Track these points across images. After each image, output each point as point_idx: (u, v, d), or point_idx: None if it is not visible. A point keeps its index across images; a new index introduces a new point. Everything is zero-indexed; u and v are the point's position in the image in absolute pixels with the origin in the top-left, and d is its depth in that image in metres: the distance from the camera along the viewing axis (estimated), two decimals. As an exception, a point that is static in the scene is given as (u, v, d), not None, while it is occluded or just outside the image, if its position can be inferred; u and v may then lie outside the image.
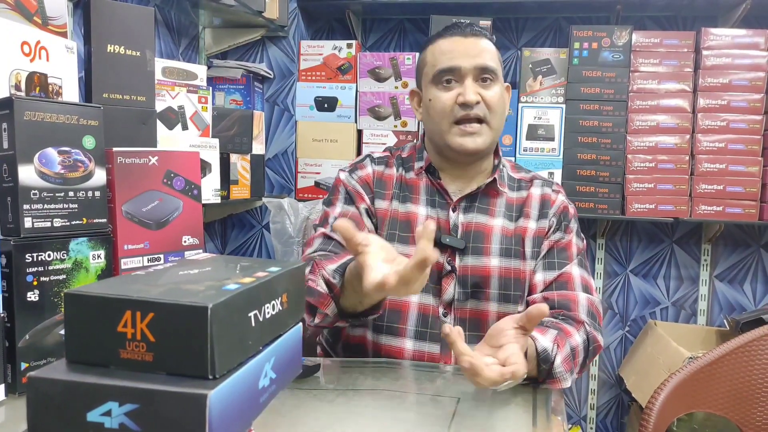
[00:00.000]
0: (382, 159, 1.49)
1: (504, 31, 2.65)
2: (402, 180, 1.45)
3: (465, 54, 1.36)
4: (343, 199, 1.43)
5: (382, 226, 1.41)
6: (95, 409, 0.53)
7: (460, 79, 1.36)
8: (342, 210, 1.42)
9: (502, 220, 1.41)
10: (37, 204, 0.99)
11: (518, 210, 1.43)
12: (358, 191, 1.43)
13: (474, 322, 1.36)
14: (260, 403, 0.64)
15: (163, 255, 1.22)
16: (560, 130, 2.34)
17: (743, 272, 2.56)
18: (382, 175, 1.46)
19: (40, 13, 1.26)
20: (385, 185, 1.44)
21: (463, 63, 1.35)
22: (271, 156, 2.58)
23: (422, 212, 1.41)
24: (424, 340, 1.35)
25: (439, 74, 1.37)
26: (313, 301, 1.21)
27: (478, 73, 1.36)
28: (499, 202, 1.43)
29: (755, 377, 1.48)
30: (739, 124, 2.23)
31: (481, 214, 1.41)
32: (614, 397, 2.69)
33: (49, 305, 1.00)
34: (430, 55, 1.42)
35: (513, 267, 1.38)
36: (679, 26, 2.55)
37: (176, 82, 1.80)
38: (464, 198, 1.42)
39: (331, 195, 1.47)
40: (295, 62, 2.54)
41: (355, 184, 1.44)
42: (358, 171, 1.46)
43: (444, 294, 1.36)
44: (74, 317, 0.57)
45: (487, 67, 1.36)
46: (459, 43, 1.38)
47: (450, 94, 1.37)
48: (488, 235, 1.39)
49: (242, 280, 0.62)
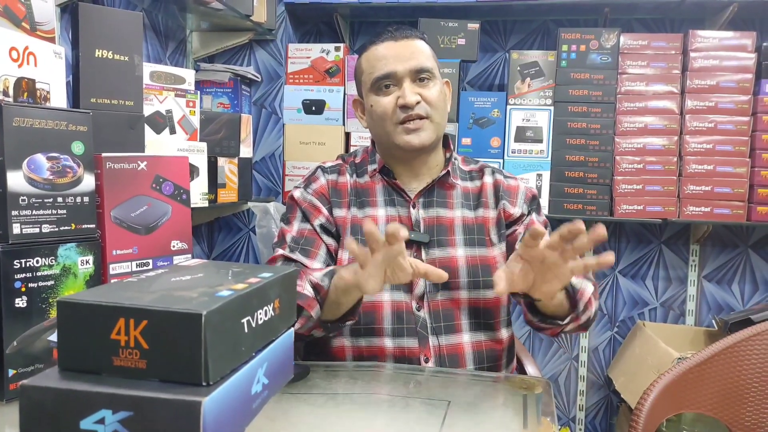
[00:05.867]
0: (334, 168, 1.53)
1: (492, 33, 2.65)
2: (357, 186, 1.49)
3: (398, 58, 1.40)
4: (299, 218, 1.46)
5: (343, 233, 1.43)
6: (88, 416, 0.53)
7: (398, 83, 1.40)
8: (299, 228, 1.44)
9: (461, 211, 1.46)
10: (25, 210, 0.98)
11: (475, 199, 1.48)
12: (314, 205, 1.45)
13: (447, 312, 1.39)
14: (253, 409, 0.64)
15: (152, 260, 1.22)
16: (548, 132, 2.35)
17: (731, 273, 2.57)
18: (336, 184, 1.49)
19: (28, 19, 1.25)
20: (341, 194, 1.47)
21: (397, 67, 1.39)
22: (258, 159, 2.58)
23: (381, 213, 1.44)
24: (401, 336, 1.37)
25: (377, 81, 1.41)
26: (300, 302, 1.23)
27: (415, 75, 1.40)
28: (455, 194, 1.48)
29: (744, 377, 1.49)
30: (726, 126, 2.25)
31: (441, 207, 1.45)
32: (603, 398, 2.70)
33: (37, 311, 0.99)
34: (365, 63, 1.46)
35: (479, 255, 1.42)
36: (667, 28, 2.56)
37: (164, 87, 1.79)
38: (422, 194, 1.46)
39: (288, 213, 1.49)
40: (282, 65, 2.53)
41: (311, 198, 1.46)
42: (312, 185, 1.49)
43: (415, 288, 1.39)
44: (67, 325, 0.57)
45: (422, 68, 1.40)
46: (391, 48, 1.42)
47: (390, 98, 1.41)
48: (450, 226, 1.43)
49: (235, 287, 0.62)
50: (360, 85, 1.50)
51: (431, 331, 1.37)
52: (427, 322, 1.37)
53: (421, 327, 1.36)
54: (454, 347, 1.37)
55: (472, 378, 1.27)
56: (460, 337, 1.38)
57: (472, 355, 1.39)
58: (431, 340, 1.36)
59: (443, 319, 1.37)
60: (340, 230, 1.43)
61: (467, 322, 1.39)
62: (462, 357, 1.38)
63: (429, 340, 1.36)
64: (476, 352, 1.39)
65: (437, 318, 1.37)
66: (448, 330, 1.37)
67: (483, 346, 1.40)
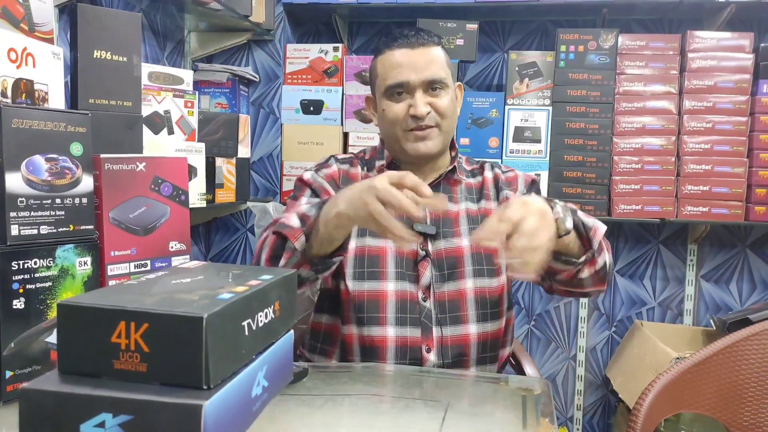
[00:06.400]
0: (346, 159, 1.56)
1: (491, 34, 2.65)
2: (367, 178, 1.47)
3: (413, 68, 1.42)
4: (308, 194, 1.47)
5: None
6: (89, 420, 0.53)
7: (410, 92, 1.43)
8: (308, 202, 1.43)
9: (465, 204, 1.49)
10: (24, 211, 0.98)
11: (478, 193, 1.52)
12: (324, 187, 1.47)
13: (453, 303, 1.40)
14: (253, 412, 0.64)
15: (150, 261, 1.22)
16: (547, 133, 2.35)
17: (729, 272, 2.57)
18: (347, 173, 1.52)
19: (26, 20, 1.25)
20: (351, 182, 1.47)
21: (411, 77, 1.42)
22: (256, 159, 2.57)
23: None
24: (405, 325, 1.38)
25: (390, 88, 1.44)
26: (284, 232, 1.23)
27: (428, 85, 1.42)
28: (459, 189, 1.51)
29: (742, 377, 1.49)
30: (724, 126, 2.25)
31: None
32: (601, 397, 2.70)
33: (35, 313, 0.99)
34: (380, 67, 1.48)
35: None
36: (665, 29, 2.56)
37: (162, 87, 1.79)
38: None
39: (297, 192, 1.50)
40: (281, 65, 2.53)
41: (321, 181, 1.48)
42: (324, 170, 1.52)
43: (421, 279, 1.40)
44: (67, 328, 0.56)
45: (435, 79, 1.42)
46: (407, 56, 1.44)
47: (401, 105, 1.43)
48: (455, 219, 1.46)
49: (236, 289, 0.62)
50: (374, 86, 1.53)
51: (435, 321, 1.38)
52: (432, 312, 1.38)
53: (425, 317, 1.38)
54: (460, 338, 1.39)
55: (471, 379, 1.27)
56: (466, 328, 1.39)
57: (477, 346, 1.40)
58: (434, 331, 1.38)
59: (449, 310, 1.39)
60: None
61: (474, 313, 1.40)
62: (467, 347, 1.39)
63: (432, 331, 1.38)
64: (481, 343, 1.41)
65: (443, 309, 1.39)
66: (454, 321, 1.39)
67: (488, 336, 1.42)
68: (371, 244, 1.42)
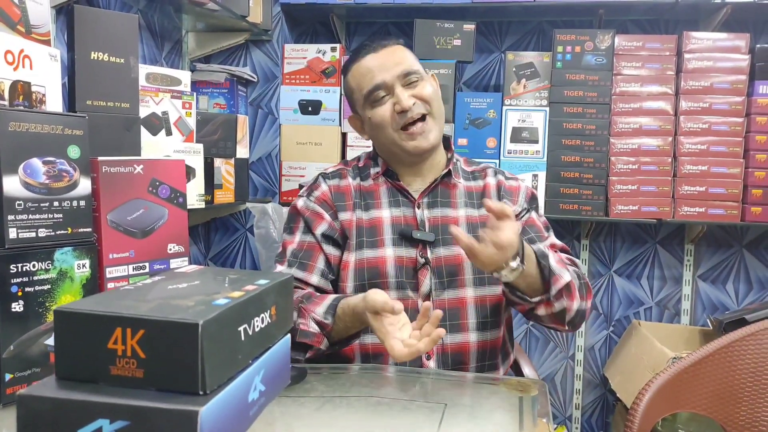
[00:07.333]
0: (335, 173, 1.55)
1: (488, 34, 2.66)
2: (361, 189, 1.51)
3: (383, 68, 1.43)
4: (301, 229, 1.48)
5: (350, 235, 1.45)
6: (86, 426, 0.53)
7: (390, 91, 1.43)
8: (300, 240, 1.46)
9: (465, 210, 1.48)
10: (21, 215, 0.98)
11: (479, 198, 1.50)
12: (317, 212, 1.47)
13: (453, 311, 1.40)
14: (250, 417, 0.65)
15: (148, 263, 1.22)
16: (544, 133, 2.35)
17: (726, 272, 2.58)
18: (338, 188, 1.51)
19: (23, 22, 1.25)
20: (344, 197, 1.49)
21: (385, 76, 1.42)
22: (254, 159, 2.58)
23: (386, 215, 1.46)
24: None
25: (369, 95, 1.44)
26: (308, 341, 1.28)
27: (404, 79, 1.43)
28: (458, 193, 1.50)
29: (739, 377, 1.49)
30: (720, 127, 2.25)
31: (445, 207, 1.47)
32: (599, 396, 2.70)
33: (33, 315, 0.99)
34: (353, 81, 1.49)
35: None
36: (661, 30, 2.56)
37: (160, 88, 1.79)
38: (425, 194, 1.48)
39: (291, 223, 1.51)
40: (279, 66, 2.53)
41: (314, 206, 1.48)
42: (314, 192, 1.51)
43: (421, 287, 1.40)
44: (64, 334, 0.57)
45: (408, 71, 1.43)
46: (374, 59, 1.45)
47: (386, 106, 1.43)
48: (455, 225, 1.43)
49: (232, 294, 0.62)
50: (354, 103, 1.53)
51: None
52: None
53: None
54: (459, 346, 1.39)
55: (469, 380, 1.27)
56: (466, 336, 1.39)
57: (476, 354, 1.40)
58: None
59: (449, 318, 1.39)
60: (347, 233, 1.45)
61: (474, 321, 1.40)
62: (467, 355, 1.39)
63: None
64: (480, 351, 1.40)
65: (443, 317, 1.36)
66: (454, 329, 1.39)
67: (488, 345, 1.41)
68: (369, 255, 1.42)
